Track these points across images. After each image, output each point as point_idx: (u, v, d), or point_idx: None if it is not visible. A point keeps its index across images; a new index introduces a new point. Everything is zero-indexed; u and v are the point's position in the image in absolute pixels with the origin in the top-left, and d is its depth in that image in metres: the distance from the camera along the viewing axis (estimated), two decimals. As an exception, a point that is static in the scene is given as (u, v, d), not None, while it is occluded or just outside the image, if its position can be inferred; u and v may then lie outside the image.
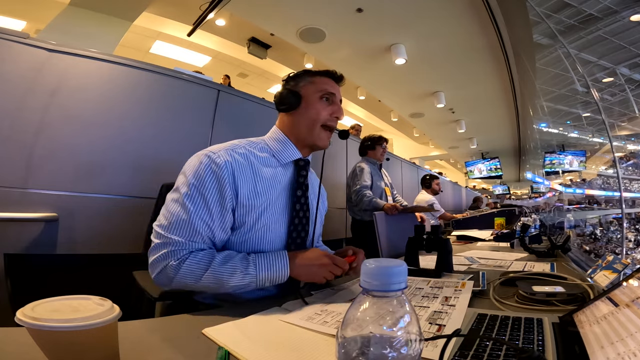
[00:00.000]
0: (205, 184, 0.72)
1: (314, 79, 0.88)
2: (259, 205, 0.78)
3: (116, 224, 1.47)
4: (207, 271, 0.69)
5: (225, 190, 0.73)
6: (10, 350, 0.42)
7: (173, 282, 0.69)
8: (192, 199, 0.72)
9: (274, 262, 0.72)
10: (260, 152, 0.82)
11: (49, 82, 1.38)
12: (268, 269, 0.71)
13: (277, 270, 0.72)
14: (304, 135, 0.86)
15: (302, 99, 0.86)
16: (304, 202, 0.86)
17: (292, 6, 3.75)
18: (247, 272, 0.70)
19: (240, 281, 0.69)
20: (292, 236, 0.83)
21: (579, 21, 5.42)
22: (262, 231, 0.78)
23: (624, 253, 6.24)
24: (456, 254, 1.35)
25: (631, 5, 5.16)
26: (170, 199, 0.74)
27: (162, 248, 0.70)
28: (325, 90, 0.86)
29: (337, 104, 0.88)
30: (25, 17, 4.15)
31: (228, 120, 1.92)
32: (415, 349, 0.27)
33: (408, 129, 9.08)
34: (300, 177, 0.86)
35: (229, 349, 0.47)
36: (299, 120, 0.86)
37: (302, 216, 0.85)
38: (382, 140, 2.59)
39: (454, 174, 14.02)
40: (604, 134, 8.61)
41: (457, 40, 4.32)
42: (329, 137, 0.88)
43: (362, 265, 0.30)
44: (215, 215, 0.73)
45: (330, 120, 0.86)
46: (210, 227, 0.72)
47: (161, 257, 0.69)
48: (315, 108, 0.85)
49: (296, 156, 0.86)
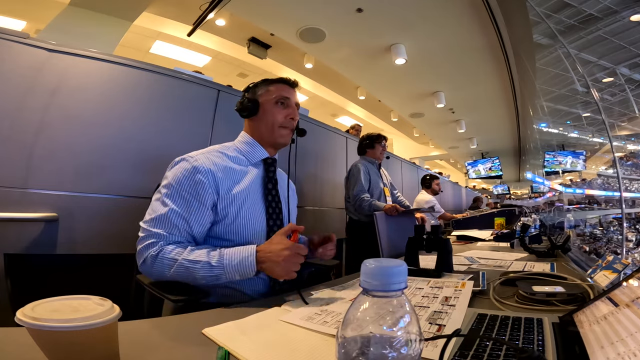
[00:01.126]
0: (182, 185, 0.82)
1: (270, 87, 0.99)
2: (239, 197, 0.87)
3: (116, 224, 1.47)
4: (177, 262, 0.74)
5: (204, 189, 0.82)
6: (10, 350, 0.42)
7: (152, 272, 0.76)
8: (171, 197, 0.81)
9: (241, 254, 0.74)
10: (231, 152, 0.94)
11: (49, 82, 1.38)
12: (234, 260, 0.74)
13: (243, 263, 0.73)
14: (266, 137, 0.98)
15: (260, 105, 0.97)
16: (275, 194, 0.97)
17: (292, 6, 3.74)
18: (213, 263, 0.73)
19: (208, 272, 0.73)
20: (269, 224, 0.92)
21: (579, 21, 5.42)
22: (244, 220, 0.87)
23: (624, 253, 6.24)
24: (456, 254, 1.35)
25: (631, 5, 5.16)
26: (154, 199, 0.85)
27: (145, 240, 0.78)
28: (280, 96, 0.97)
29: (291, 107, 0.99)
30: (25, 17, 4.14)
31: (228, 120, 1.92)
32: (415, 349, 0.27)
33: (408, 129, 9.08)
34: (269, 172, 0.98)
35: (229, 349, 0.47)
36: (260, 124, 0.98)
37: (274, 206, 0.95)
38: (381, 138, 2.55)
39: (454, 173, 14.01)
40: (604, 134, 8.62)
41: (457, 41, 4.31)
42: (290, 134, 0.99)
43: (362, 265, 0.30)
44: (192, 211, 0.81)
45: (286, 122, 0.97)
46: (188, 221, 0.80)
47: (144, 248, 0.77)
48: (272, 112, 0.96)
49: (264, 155, 0.98)
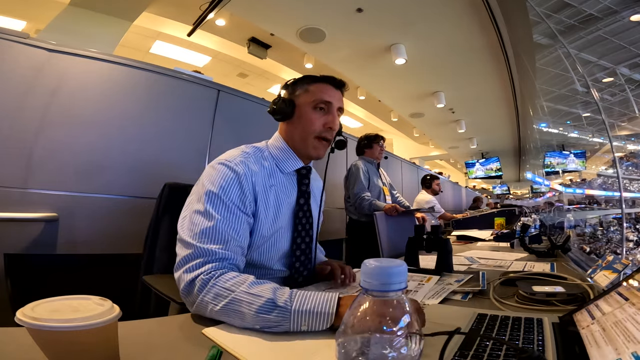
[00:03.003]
0: (227, 194, 0.70)
1: (310, 87, 0.84)
2: (272, 215, 0.78)
3: (116, 224, 1.47)
4: (234, 294, 0.57)
5: (246, 197, 0.72)
6: (10, 350, 0.42)
7: (202, 301, 0.59)
8: (215, 207, 0.68)
9: (318, 299, 0.55)
10: (265, 161, 0.82)
11: (49, 82, 1.38)
12: (308, 304, 0.54)
13: (319, 308, 0.53)
14: (298, 145, 0.85)
15: (296, 108, 0.83)
16: (306, 209, 0.86)
17: (292, 6, 3.74)
18: (279, 303, 0.54)
19: (266, 314, 0.53)
20: (297, 242, 0.84)
21: (579, 21, 5.41)
22: (273, 239, 0.79)
23: (624, 253, 6.24)
24: (456, 254, 1.35)
25: (631, 5, 5.16)
26: (192, 210, 0.69)
27: (191, 259, 0.63)
28: (320, 100, 0.83)
29: (332, 114, 0.84)
30: (25, 17, 4.14)
31: (228, 120, 1.92)
32: (415, 349, 0.27)
33: (408, 129, 9.07)
34: (303, 185, 0.87)
35: (229, 348, 0.47)
36: (293, 130, 0.84)
37: (304, 222, 0.85)
38: (379, 138, 2.54)
39: (454, 174, 14.00)
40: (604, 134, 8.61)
41: (457, 40, 4.31)
42: (326, 147, 0.85)
43: (362, 265, 0.30)
44: (241, 224, 0.71)
45: (324, 132, 0.83)
46: (238, 235, 0.69)
47: (190, 269, 0.62)
48: (308, 118, 0.82)
49: (298, 165, 0.86)
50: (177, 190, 1.01)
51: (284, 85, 0.88)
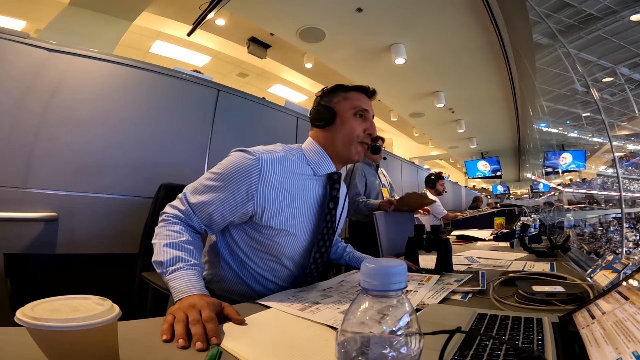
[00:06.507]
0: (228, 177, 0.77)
1: (348, 95, 0.89)
2: (286, 210, 0.81)
3: (116, 224, 1.47)
4: (160, 238, 0.74)
5: (249, 189, 0.77)
6: (10, 350, 0.42)
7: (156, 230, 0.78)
8: (210, 186, 0.78)
9: (184, 280, 0.66)
10: (295, 158, 0.86)
11: (49, 82, 1.38)
12: (177, 280, 0.66)
13: (177, 288, 0.65)
14: (339, 151, 0.88)
15: (337, 115, 0.88)
16: (334, 214, 0.89)
17: (292, 6, 3.74)
18: (165, 268, 0.69)
19: (157, 267, 0.70)
20: (319, 245, 0.87)
21: (579, 21, 5.41)
22: (286, 236, 0.82)
23: (624, 253, 6.23)
24: (456, 254, 1.35)
25: (631, 5, 5.16)
26: (204, 177, 0.82)
27: (172, 209, 0.80)
28: (359, 107, 0.88)
29: (370, 121, 0.90)
30: (25, 17, 4.14)
31: (228, 120, 1.92)
32: (415, 349, 0.27)
33: (408, 129, 9.07)
34: (334, 190, 0.90)
35: (229, 349, 0.47)
36: (335, 136, 0.88)
37: (330, 227, 0.89)
38: (378, 139, 2.54)
39: (454, 173, 14.00)
40: (604, 134, 8.61)
41: (457, 40, 4.31)
42: (365, 151, 0.91)
43: (362, 265, 0.30)
44: (226, 206, 0.77)
45: (365, 138, 0.88)
46: (212, 215, 0.78)
47: (167, 210, 0.81)
48: (351, 125, 0.87)
49: (331, 169, 0.90)
50: (173, 191, 1.02)
51: (321, 94, 0.93)
